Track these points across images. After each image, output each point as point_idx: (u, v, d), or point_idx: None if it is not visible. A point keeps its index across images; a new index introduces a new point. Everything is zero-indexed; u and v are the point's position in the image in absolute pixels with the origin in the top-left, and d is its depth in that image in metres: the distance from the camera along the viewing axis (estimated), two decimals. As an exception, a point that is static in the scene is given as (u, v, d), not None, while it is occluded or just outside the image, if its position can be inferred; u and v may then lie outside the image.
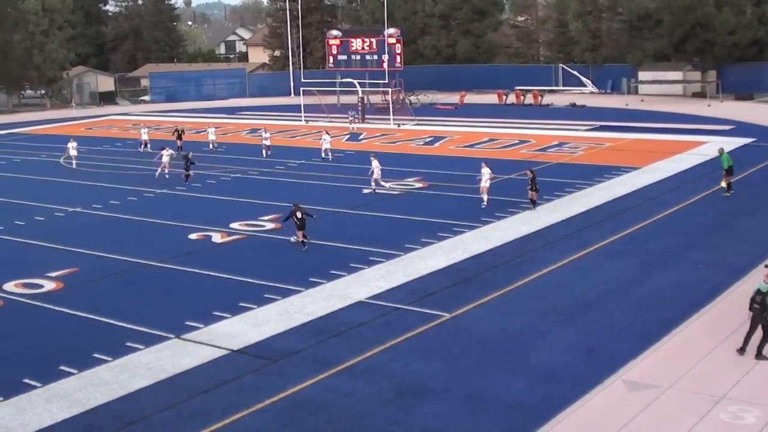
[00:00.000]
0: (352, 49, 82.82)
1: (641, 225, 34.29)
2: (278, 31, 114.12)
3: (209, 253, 32.51)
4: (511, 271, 28.68)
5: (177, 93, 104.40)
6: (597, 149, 53.92)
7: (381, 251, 31.29)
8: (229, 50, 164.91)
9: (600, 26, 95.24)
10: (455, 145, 57.41)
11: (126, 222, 38.05)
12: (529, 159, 50.59)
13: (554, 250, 31.10)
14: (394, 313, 25.08)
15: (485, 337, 23.08)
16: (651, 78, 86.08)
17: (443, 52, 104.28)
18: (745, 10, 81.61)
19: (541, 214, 36.44)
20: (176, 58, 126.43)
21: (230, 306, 25.81)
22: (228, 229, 35.80)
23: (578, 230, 33.87)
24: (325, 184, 45.04)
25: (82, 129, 69.83)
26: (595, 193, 40.44)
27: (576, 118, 69.59)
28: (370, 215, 37.94)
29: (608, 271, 28.45)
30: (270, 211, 38.83)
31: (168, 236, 35.35)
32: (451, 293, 26.70)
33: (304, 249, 32.26)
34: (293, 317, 24.85)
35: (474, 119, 71.19)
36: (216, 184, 46.28)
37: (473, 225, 34.82)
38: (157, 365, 21.72)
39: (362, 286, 27.54)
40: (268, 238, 34.51)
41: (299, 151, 56.65)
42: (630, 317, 24.10)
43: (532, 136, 60.21)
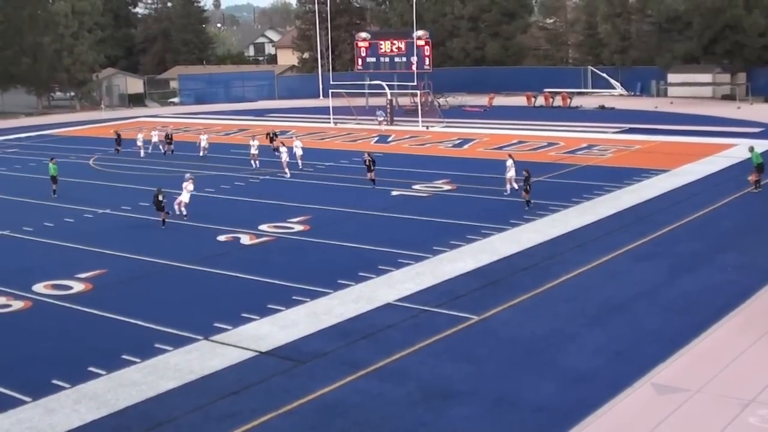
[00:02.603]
0: (381, 52, 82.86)
1: (670, 228, 34.09)
2: (307, 33, 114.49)
3: (238, 255, 32.59)
4: (539, 274, 28.59)
5: (206, 95, 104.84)
6: (626, 152, 53.66)
7: (409, 253, 31.26)
8: (258, 52, 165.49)
9: (629, 28, 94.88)
10: (484, 147, 57.31)
11: (155, 224, 38.18)
12: (557, 161, 50.43)
13: (583, 252, 30.97)
14: (422, 316, 25.05)
15: (513, 339, 23.01)
16: (680, 80, 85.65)
17: (472, 55, 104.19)
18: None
19: (570, 217, 36.31)
20: (205, 60, 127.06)
21: (258, 308, 25.86)
22: (257, 231, 35.88)
23: (607, 233, 33.72)
24: (354, 186, 45.05)
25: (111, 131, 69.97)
26: (624, 196, 40.26)
27: (605, 121, 69.32)
28: (398, 217, 37.92)
29: (637, 274, 28.30)
30: (299, 213, 38.90)
31: (197, 238, 35.48)
32: (480, 295, 26.64)
33: (163, 227, 36.62)
34: (321, 319, 24.87)
35: (503, 121, 71.04)
36: (245, 186, 46.41)
37: (502, 227, 34.74)
38: (186, 367, 21.78)
39: (390, 288, 27.53)
40: (297, 240, 34.56)
41: (328, 153, 56.70)
42: (659, 320, 23.96)
43: (561, 139, 60.01)
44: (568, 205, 38.42)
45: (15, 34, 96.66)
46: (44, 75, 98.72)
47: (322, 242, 33.84)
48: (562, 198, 39.69)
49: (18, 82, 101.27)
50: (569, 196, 39.94)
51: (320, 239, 34.21)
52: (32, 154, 61.94)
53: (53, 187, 45.41)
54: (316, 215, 38.52)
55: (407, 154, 56.66)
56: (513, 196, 40.48)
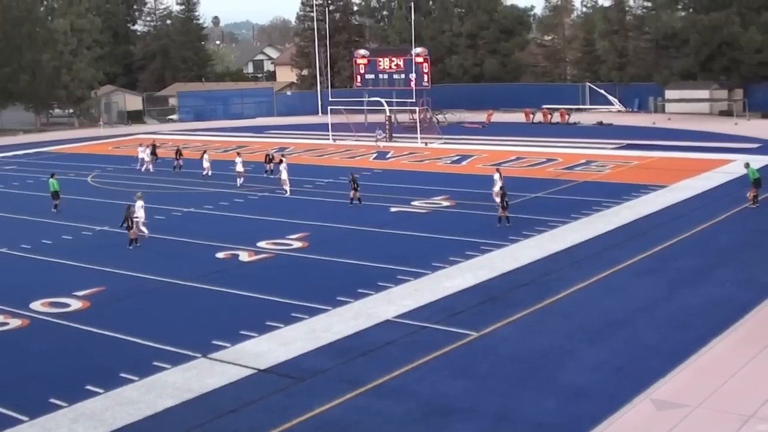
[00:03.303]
0: (380, 68, 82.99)
1: (669, 243, 34.05)
2: (306, 50, 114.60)
3: (236, 272, 32.52)
4: (538, 290, 28.53)
5: (205, 112, 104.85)
6: (624, 167, 53.68)
7: (408, 270, 31.21)
8: (257, 69, 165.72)
9: (627, 45, 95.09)
10: (482, 164, 57.30)
11: (153, 241, 38.13)
12: (556, 177, 50.43)
13: (582, 268, 30.93)
14: (421, 332, 24.98)
15: (513, 355, 22.94)
16: (678, 96, 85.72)
17: (470, 71, 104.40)
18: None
19: (568, 233, 36.27)
20: (204, 77, 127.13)
21: (257, 325, 25.77)
22: (255, 248, 35.82)
23: (606, 248, 33.68)
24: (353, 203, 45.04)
25: (110, 148, 70.31)
26: (622, 212, 40.23)
27: (603, 137, 69.34)
28: (397, 234, 37.88)
29: (636, 290, 28.25)
30: (297, 229, 38.84)
31: (195, 255, 35.40)
32: (479, 312, 26.57)
33: (130, 247, 36.48)
34: (320, 336, 24.79)
35: (501, 138, 71.06)
36: (243, 203, 46.37)
37: (501, 243, 34.70)
38: (184, 385, 21.68)
39: (389, 304, 27.46)
40: (295, 256, 34.50)
41: (327, 170, 56.71)
42: (658, 335, 23.89)
43: (560, 155, 60.03)
44: (566, 221, 38.40)
45: (14, 51, 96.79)
46: (43, 92, 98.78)
47: (321, 259, 33.77)
48: (561, 214, 39.66)
49: (16, 99, 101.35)
50: (568, 212, 39.92)
51: (319, 256, 34.15)
52: (30, 172, 61.90)
53: (54, 202, 45.37)
54: (315, 232, 38.48)
55: (406, 170, 56.66)
56: (510, 212, 40.46)
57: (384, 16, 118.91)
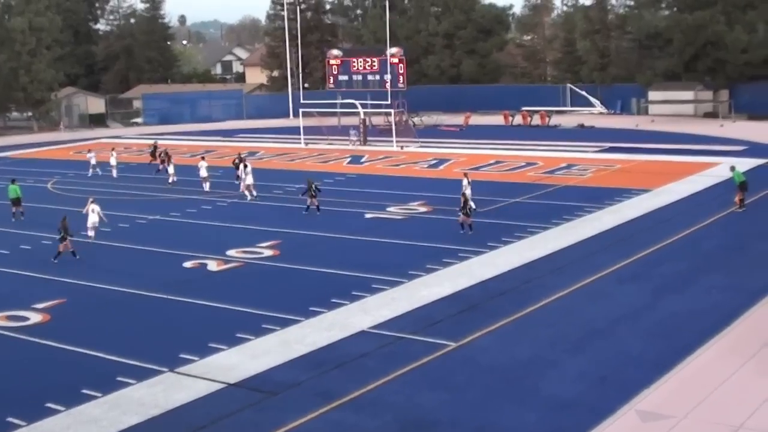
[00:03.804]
0: (354, 69, 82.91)
1: (653, 249, 34.21)
2: (276, 50, 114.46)
3: (205, 282, 32.41)
4: (519, 298, 28.58)
5: (171, 115, 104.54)
6: (606, 171, 53.90)
7: (384, 278, 31.19)
8: (226, 70, 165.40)
9: (608, 45, 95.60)
10: (460, 168, 57.33)
11: (117, 250, 37.95)
12: (536, 181, 50.57)
13: (563, 275, 31.00)
14: (398, 343, 24.96)
15: (493, 366, 22.95)
16: (661, 98, 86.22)
17: (447, 72, 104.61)
18: (757, 27, 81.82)
19: (549, 239, 36.37)
20: (170, 78, 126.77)
21: (227, 337, 25.67)
22: (224, 257, 35.70)
23: (588, 255, 33.79)
24: (326, 208, 44.92)
25: (71, 153, 69.89)
26: (604, 217, 40.38)
27: (585, 140, 69.68)
28: (372, 241, 37.87)
29: (620, 297, 28.35)
30: (268, 237, 38.76)
31: (161, 264, 35.25)
32: (457, 321, 26.59)
33: (55, 260, 35.55)
34: (293, 348, 24.72)
35: (479, 141, 71.27)
36: (211, 210, 46.23)
37: (479, 250, 34.75)
38: (150, 401, 21.55)
39: (365, 314, 27.43)
40: (266, 265, 34.42)
41: (299, 175, 56.60)
42: (643, 344, 23.96)
43: (540, 158, 60.22)
44: (547, 226, 38.50)
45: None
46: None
47: (293, 268, 33.71)
48: (541, 219, 39.76)
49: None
50: (548, 218, 40.03)
51: (291, 264, 34.08)
52: (-11, 178, 61.49)
53: (15, 209, 44.96)
54: (287, 239, 38.42)
55: (381, 175, 56.69)
56: (489, 218, 40.56)
57: (358, 15, 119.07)
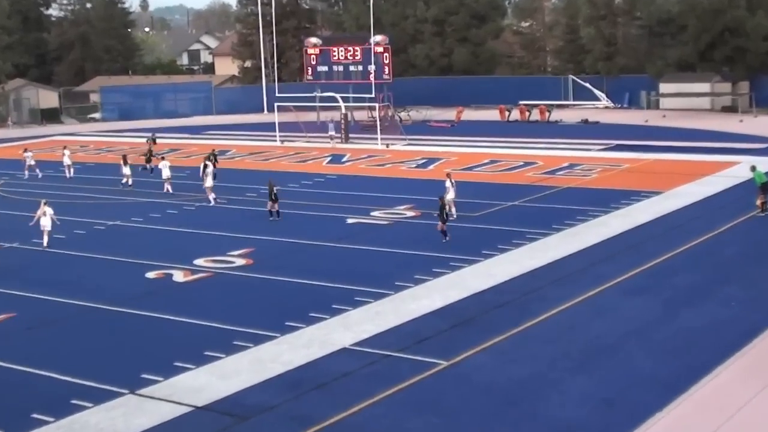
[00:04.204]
0: (334, 59, 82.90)
1: (665, 257, 34.28)
2: (249, 38, 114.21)
3: (170, 294, 32.37)
4: (517, 312, 28.61)
5: (132, 110, 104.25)
6: (613, 171, 54.03)
7: (368, 290, 31.19)
8: (193, 61, 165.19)
9: (615, 32, 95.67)
10: (452, 168, 57.32)
11: (72, 259, 37.86)
12: (535, 183, 50.65)
13: (566, 286, 31.06)
14: (383, 361, 24.96)
15: (488, 387, 22.96)
16: (674, 90, 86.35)
17: (437, 63, 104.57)
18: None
19: (550, 246, 36.42)
20: (131, 69, 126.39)
21: (194, 355, 25.64)
22: (191, 267, 35.66)
23: (593, 264, 33.85)
24: (304, 213, 44.94)
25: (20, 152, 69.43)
26: (611, 222, 40.46)
27: (589, 137, 69.78)
28: (355, 248, 37.87)
29: (628, 310, 28.39)
30: (240, 245, 38.72)
31: (122, 275, 35.17)
32: (449, 337, 26.60)
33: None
34: (267, 367, 24.70)
35: (473, 138, 71.28)
36: (177, 215, 46.17)
37: (473, 259, 34.77)
38: (108, 426, 21.50)
39: (347, 330, 27.43)
40: (238, 276, 34.39)
41: (274, 176, 56.43)
42: (654, 363, 24.01)
43: (539, 158, 60.32)
44: (548, 232, 38.56)
45: None
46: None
47: (267, 278, 33.71)
48: (541, 225, 39.82)
49: None
50: (549, 223, 40.08)
51: (265, 275, 34.07)
52: (-70, 180, 61.31)
53: None
54: (261, 247, 38.39)
55: (364, 175, 56.69)
56: (484, 223, 40.60)
57: (338, 0, 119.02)
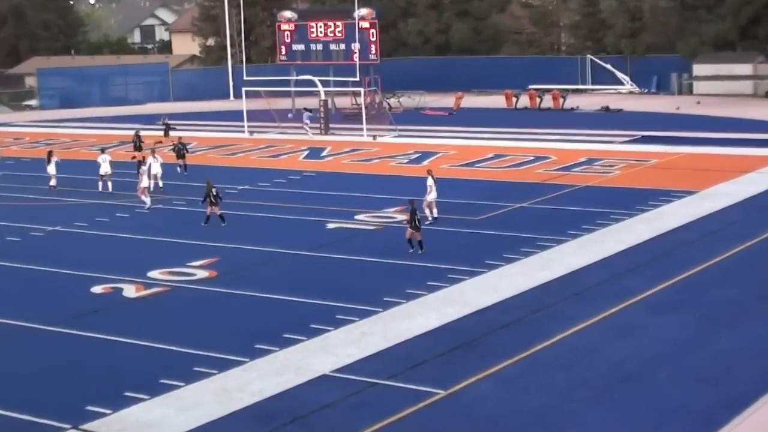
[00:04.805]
0: (312, 37, 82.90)
1: (700, 268, 34.33)
2: (212, 12, 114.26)
3: (119, 312, 32.29)
4: (526, 332, 28.60)
5: (75, 96, 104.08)
6: (638, 168, 54.12)
7: (352, 307, 31.16)
8: (146, 38, 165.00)
9: (641, 5, 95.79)
10: (449, 164, 57.42)
11: (4, 270, 37.77)
12: (547, 181, 50.69)
13: (584, 302, 31.07)
14: (370, 391, 24.95)
15: (493, 420, 22.97)
16: (710, 73, 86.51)
17: (433, 40, 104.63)
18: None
19: (565, 255, 36.43)
20: (74, 49, 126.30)
21: (148, 384, 25.59)
22: (145, 279, 35.60)
23: (615, 276, 33.86)
24: (277, 216, 44.92)
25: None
26: (636, 227, 40.50)
27: (610, 127, 69.89)
28: (336, 258, 37.85)
29: (657, 331, 28.40)
30: (202, 254, 38.68)
31: (62, 290, 35.09)
32: (447, 362, 26.58)
33: None
34: (234, 398, 24.68)
35: (474, 129, 71.38)
36: (128, 219, 46.10)
37: (475, 270, 34.77)
38: (49, 465, 21.48)
39: (327, 354, 27.39)
40: (200, 290, 34.34)
41: (242, 173, 56.53)
42: (686, 393, 24.02)
43: (552, 151, 60.41)
44: (562, 239, 38.58)
45: None
46: None
47: (234, 293, 33.67)
48: (555, 230, 39.86)
49: None
50: (564, 228, 40.11)
51: (232, 289, 34.04)
52: None
53: None
54: (226, 257, 38.36)
55: (348, 172, 56.69)
56: (487, 228, 40.62)
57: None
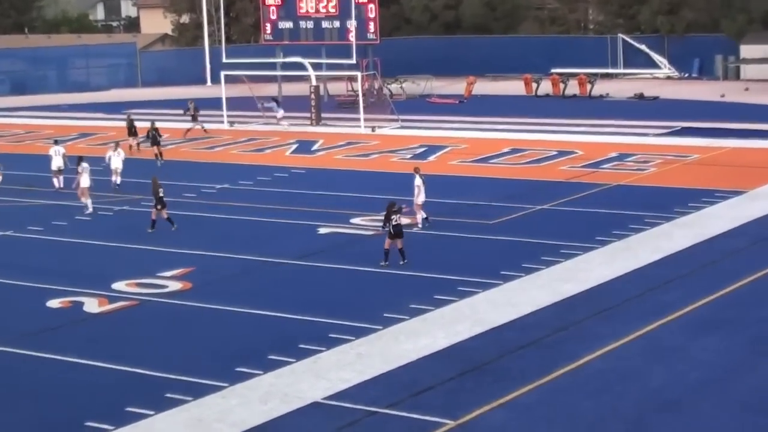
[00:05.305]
0: (301, 12, 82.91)
1: (748, 280, 34.32)
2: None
3: (79, 330, 32.27)
4: (547, 354, 28.57)
5: (29, 81, 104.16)
6: (677, 164, 54.13)
7: (347, 324, 31.14)
8: (111, 14, 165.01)
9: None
10: (459, 160, 57.46)
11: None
12: (572, 179, 50.66)
13: (614, 320, 31.05)
14: (368, 421, 24.94)
15: (509, 456, 22.99)
16: (760, 55, 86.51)
17: (441, 17, 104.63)
18: None
19: (593, 265, 36.42)
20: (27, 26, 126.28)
21: (113, 412, 25.57)
22: (109, 292, 35.58)
23: (651, 289, 33.84)
24: (260, 220, 44.93)
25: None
26: (675, 232, 40.51)
27: (645, 117, 69.94)
28: (328, 268, 37.84)
29: (698, 353, 28.37)
30: (175, 263, 38.68)
31: (13, 304, 35.11)
32: (457, 388, 26.55)
33: None
34: (211, 429, 24.68)
35: (488, 119, 71.45)
36: (90, 222, 46.11)
37: (489, 282, 34.75)
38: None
39: (318, 378, 27.36)
40: (172, 305, 34.33)
41: (220, 170, 56.53)
42: (734, 424, 23.99)
43: (578, 145, 60.44)
44: (590, 246, 38.58)
45: None
46: None
47: (211, 308, 33.66)
48: (581, 236, 39.89)
49: None
50: (591, 234, 40.12)
51: (209, 303, 34.02)
52: None
53: None
54: (203, 266, 38.37)
55: (342, 169, 56.69)
56: (502, 233, 40.59)
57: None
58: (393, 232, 37.21)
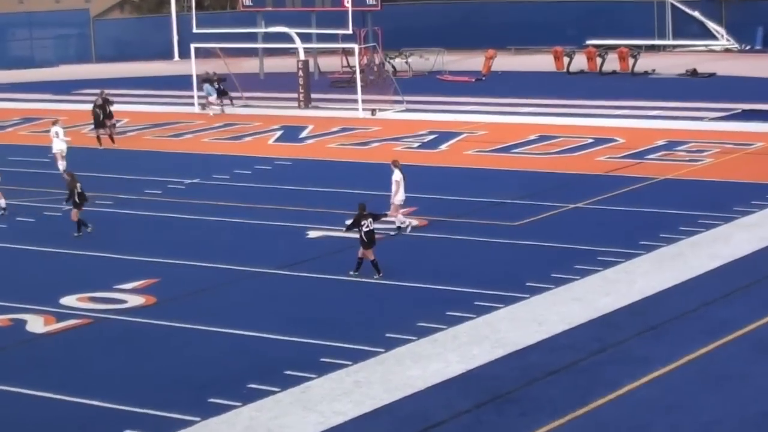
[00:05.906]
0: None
1: (822, 293, 34.39)
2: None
3: (21, 353, 32.36)
4: (582, 381, 28.60)
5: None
6: (737, 154, 54.18)
7: (342, 346, 31.19)
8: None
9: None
10: (477, 148, 57.55)
11: None
12: (612, 172, 50.71)
13: (662, 340, 31.06)
14: (366, 462, 25.02)
15: (537, 504, 23.05)
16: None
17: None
18: None
19: (637, 275, 36.44)
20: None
21: (61, 452, 25.68)
22: (57, 308, 35.63)
23: (706, 304, 33.85)
24: (238, 221, 44.98)
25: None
26: (735, 235, 40.54)
27: (698, 98, 70.00)
28: (318, 279, 37.90)
29: (762, 380, 28.37)
30: (137, 273, 38.71)
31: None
32: (474, 422, 26.57)
33: None
34: (180, 471, 24.77)
35: (511, 100, 71.61)
36: (35, 224, 46.15)
37: (512, 296, 34.78)
38: None
39: (308, 411, 27.37)
40: (132, 323, 34.36)
41: (190, 162, 56.59)
42: (805, 465, 24.08)
43: (619, 131, 60.56)
44: (633, 252, 38.61)
45: None
46: None
47: (179, 328, 33.70)
48: (622, 240, 39.99)
49: None
50: (634, 237, 40.17)
51: (176, 322, 34.05)
52: None
53: None
54: (169, 277, 38.43)
55: (336, 160, 56.79)
56: (528, 237, 40.62)
57: None
58: (365, 239, 37.19)
